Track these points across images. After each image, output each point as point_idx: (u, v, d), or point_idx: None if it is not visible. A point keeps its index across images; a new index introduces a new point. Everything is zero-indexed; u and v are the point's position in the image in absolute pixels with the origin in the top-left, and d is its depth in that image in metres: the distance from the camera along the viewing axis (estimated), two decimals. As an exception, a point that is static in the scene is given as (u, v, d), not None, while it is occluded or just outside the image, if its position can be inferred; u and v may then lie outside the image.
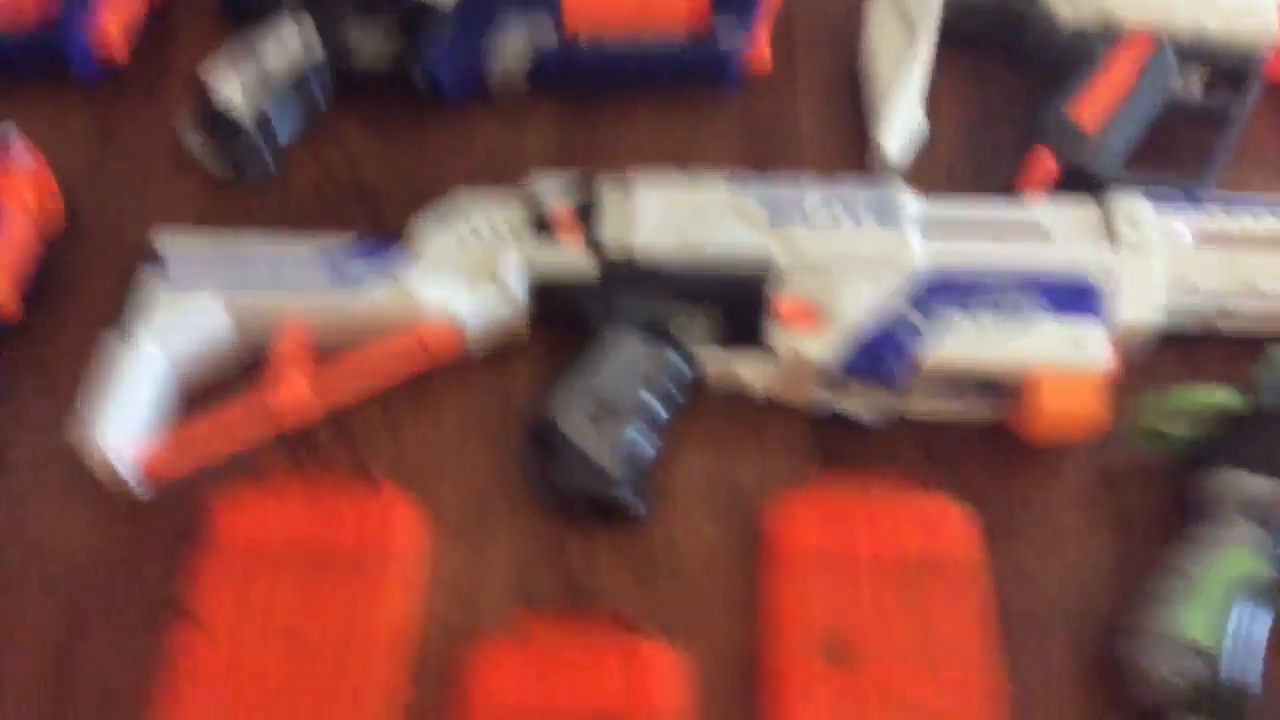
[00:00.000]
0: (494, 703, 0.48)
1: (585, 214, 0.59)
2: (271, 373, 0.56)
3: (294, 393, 0.55)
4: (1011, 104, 0.69)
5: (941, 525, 0.53)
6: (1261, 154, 0.68)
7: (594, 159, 0.68)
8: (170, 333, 0.56)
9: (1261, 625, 0.50)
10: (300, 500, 0.53)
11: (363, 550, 0.52)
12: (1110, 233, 0.58)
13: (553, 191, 0.60)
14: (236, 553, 0.51)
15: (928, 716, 0.48)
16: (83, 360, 0.59)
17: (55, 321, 0.62)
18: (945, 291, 0.56)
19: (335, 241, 0.60)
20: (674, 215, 0.59)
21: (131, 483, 0.54)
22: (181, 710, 0.48)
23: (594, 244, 0.58)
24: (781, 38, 0.72)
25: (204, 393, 0.58)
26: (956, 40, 0.70)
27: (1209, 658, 0.48)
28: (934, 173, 0.67)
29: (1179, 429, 0.55)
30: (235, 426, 0.55)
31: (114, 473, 0.53)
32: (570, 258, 0.58)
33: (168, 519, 0.55)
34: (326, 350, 0.58)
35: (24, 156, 0.62)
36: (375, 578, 0.51)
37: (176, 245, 0.59)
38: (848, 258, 0.57)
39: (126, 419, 0.53)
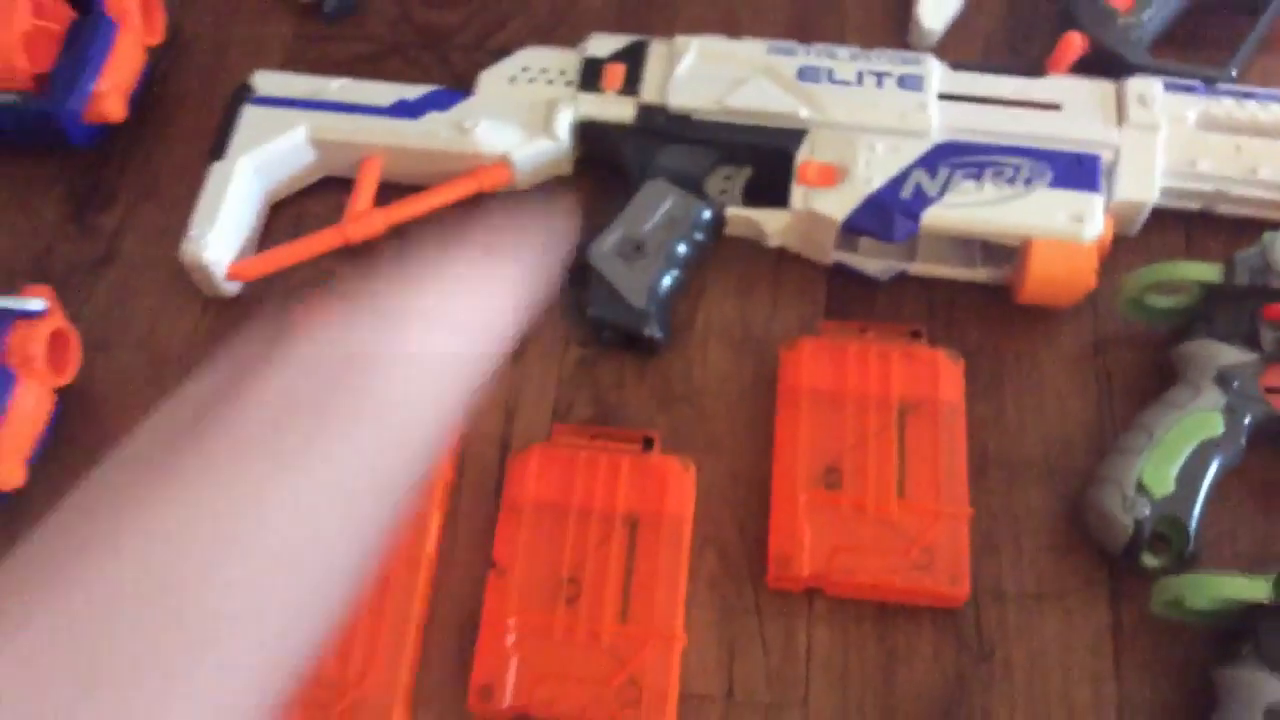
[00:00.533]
0: (526, 498, 0.56)
1: (633, 71, 0.64)
2: (350, 198, 0.63)
3: (364, 215, 0.62)
4: (1054, -19, 0.72)
5: (930, 372, 0.59)
6: (1294, 45, 0.70)
7: (648, 18, 0.72)
8: (263, 157, 0.63)
9: (1210, 478, 0.55)
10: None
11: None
12: (1120, 111, 0.62)
13: (605, 49, 0.65)
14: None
15: (899, 535, 0.55)
16: (182, 168, 0.67)
17: (160, 128, 0.69)
18: (955, 156, 0.61)
19: (412, 89, 0.65)
20: (710, 72, 0.64)
21: (223, 285, 0.62)
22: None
23: (634, 95, 0.64)
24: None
25: (286, 202, 0.66)
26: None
27: (1161, 502, 0.54)
28: (970, 44, 0.71)
29: (1164, 301, 0.60)
30: (311, 241, 0.62)
31: (211, 278, 0.61)
32: (612, 107, 0.64)
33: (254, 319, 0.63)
34: (394, 178, 0.65)
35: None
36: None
37: (270, 82, 0.65)
38: (868, 119, 0.62)
39: (223, 232, 0.61)
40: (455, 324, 0.37)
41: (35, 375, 0.56)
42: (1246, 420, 0.56)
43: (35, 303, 0.57)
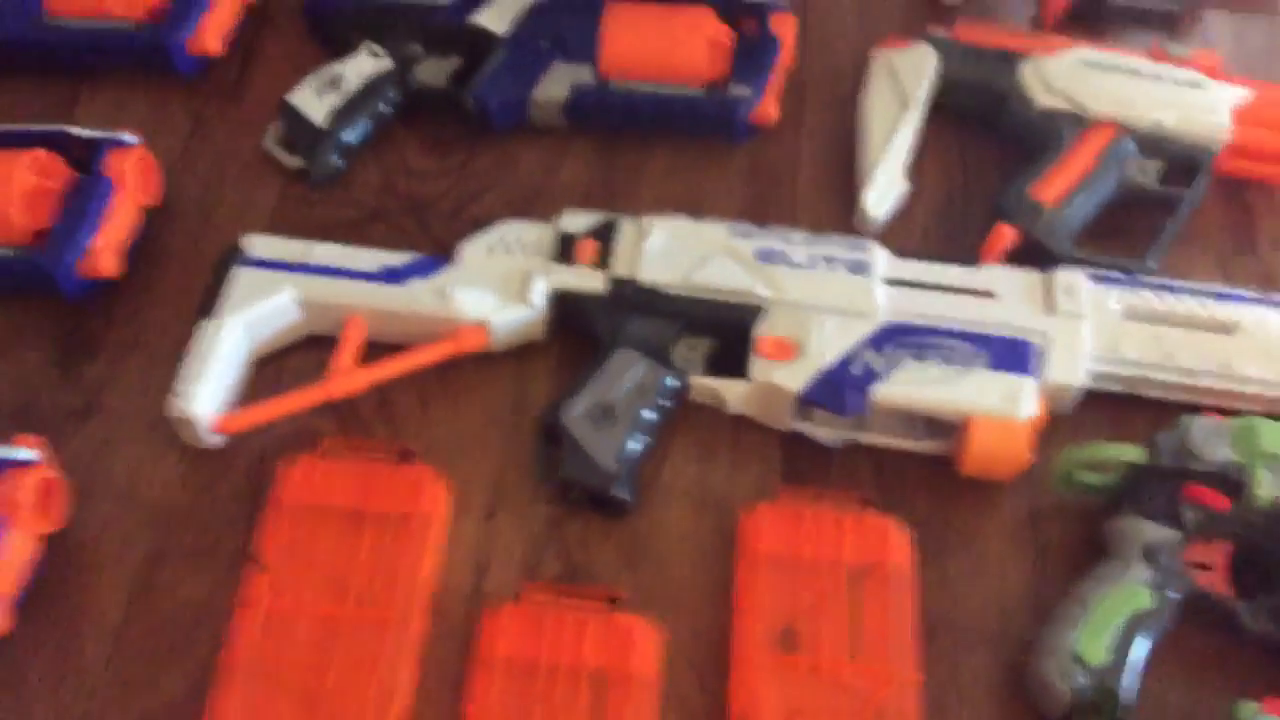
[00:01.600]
0: (497, 656, 0.58)
1: (605, 246, 0.69)
2: (333, 356, 0.66)
3: (348, 373, 0.65)
4: (987, 177, 0.78)
5: (881, 539, 0.62)
6: (1207, 240, 0.77)
7: (617, 191, 0.78)
8: (251, 316, 0.66)
9: (1144, 650, 0.58)
10: (347, 468, 0.63)
11: (395, 514, 0.62)
12: (1049, 300, 0.68)
13: (579, 224, 0.70)
14: (294, 509, 0.61)
15: (853, 698, 0.58)
16: (167, 322, 0.70)
17: (148, 284, 0.72)
18: (901, 338, 0.66)
19: (394, 255, 0.69)
20: (677, 250, 0.69)
21: (208, 439, 0.64)
22: (247, 637, 0.58)
23: (606, 269, 0.69)
24: (793, 93, 0.81)
25: (268, 358, 0.69)
26: (945, 113, 0.80)
27: (1095, 672, 0.58)
28: (910, 232, 0.76)
29: (1093, 478, 0.64)
30: (296, 397, 0.65)
31: (195, 432, 0.63)
32: (585, 279, 0.68)
33: (237, 474, 0.65)
34: (376, 338, 0.68)
35: (128, 136, 0.72)
36: (405, 539, 0.61)
37: (259, 245, 0.69)
38: (820, 299, 0.67)
39: (210, 387, 0.64)
40: None
41: (22, 523, 0.58)
42: (1172, 593, 0.60)
43: (25, 452, 0.58)
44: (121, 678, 0.59)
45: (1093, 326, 0.67)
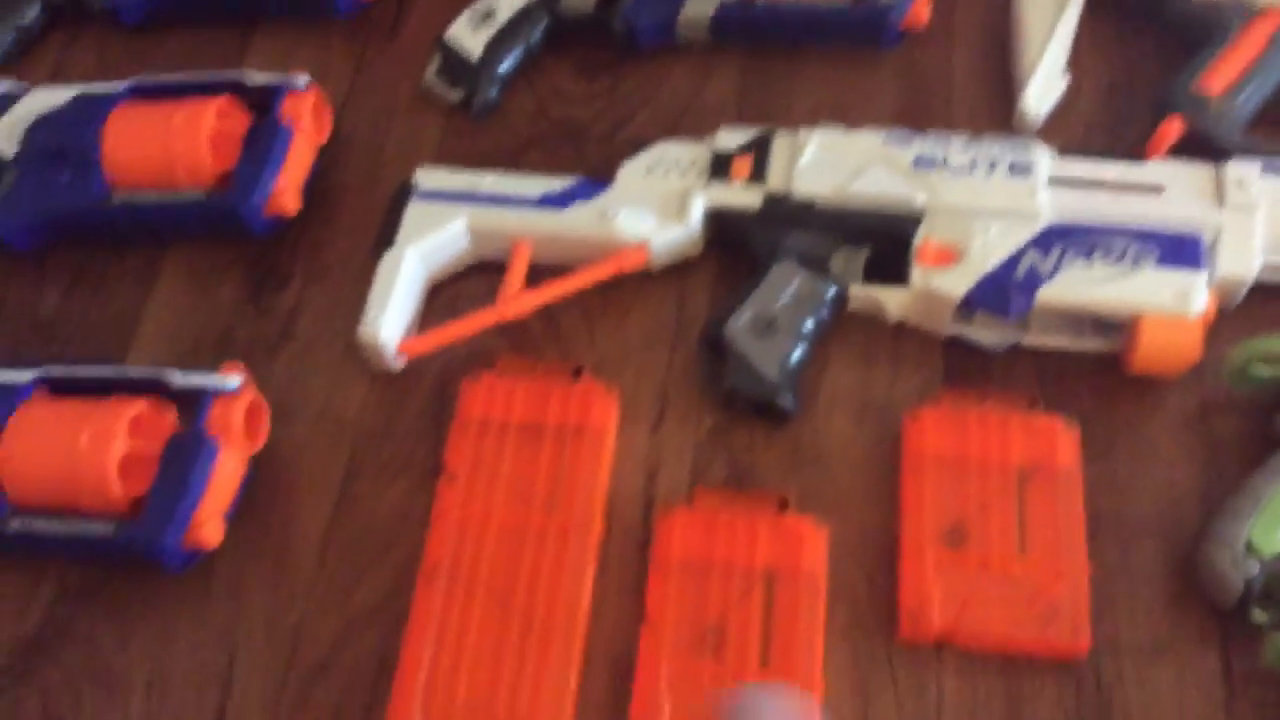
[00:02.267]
0: (672, 557, 0.61)
1: (759, 162, 0.70)
2: (503, 280, 0.69)
3: (517, 296, 0.69)
4: (1149, 68, 0.76)
5: (1048, 439, 0.63)
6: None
7: (767, 106, 0.78)
8: (427, 245, 0.70)
9: None
10: (523, 385, 0.66)
11: (571, 427, 0.65)
12: (1220, 193, 0.67)
13: (733, 141, 0.71)
14: (478, 424, 0.65)
15: (1023, 591, 0.59)
16: (347, 254, 0.75)
17: (327, 218, 0.76)
18: (1066, 238, 0.65)
19: (556, 181, 0.72)
20: (831, 162, 0.69)
21: (393, 362, 0.69)
22: (443, 543, 0.62)
23: (761, 184, 0.70)
24: (943, -4, 0.80)
25: (440, 286, 0.73)
26: (1103, 4, 0.78)
27: (1269, 562, 0.57)
28: (1071, 129, 0.75)
29: (1267, 370, 0.63)
30: (471, 320, 0.69)
31: (383, 356, 0.68)
32: (741, 195, 0.70)
33: (422, 393, 0.69)
34: (541, 262, 0.71)
35: (301, 80, 0.75)
36: (580, 450, 0.64)
37: (431, 178, 0.72)
38: (982, 203, 0.67)
39: (393, 314, 0.68)
40: None
41: (233, 444, 0.63)
42: (1351, 484, 0.59)
43: (233, 380, 0.63)
44: (329, 583, 0.64)
45: (1265, 218, 0.66)
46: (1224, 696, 0.58)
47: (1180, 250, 0.65)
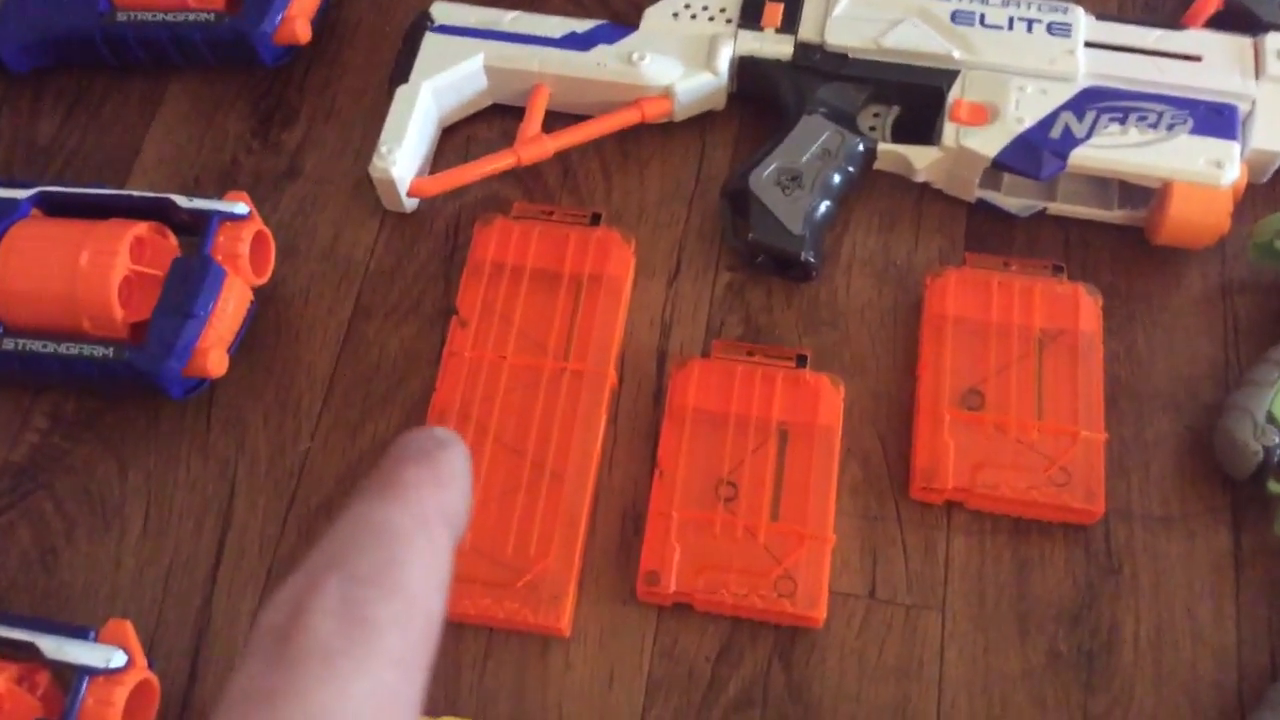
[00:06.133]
0: (686, 406, 0.60)
1: (791, 10, 0.68)
2: (522, 123, 0.67)
3: (535, 139, 0.66)
4: (1190, -62, 0.75)
5: (1071, 305, 0.62)
6: None
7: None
8: (442, 82, 0.67)
9: None
10: (538, 231, 0.64)
11: (586, 275, 0.63)
12: (1257, 65, 0.65)
13: (765, -13, 0.69)
14: (488, 268, 0.63)
15: (1038, 454, 0.59)
16: (358, 91, 0.72)
17: (338, 53, 0.74)
18: (1101, 100, 0.64)
19: (581, 22, 0.69)
20: (866, 13, 0.67)
21: (405, 200, 0.66)
22: (453, 384, 0.61)
23: (792, 33, 0.67)
24: None
25: (453, 127, 0.70)
26: None
27: (1285, 430, 0.58)
28: (1106, -3, 0.74)
29: (1290, 247, 0.63)
30: (486, 162, 0.66)
31: (395, 193, 0.65)
32: (772, 44, 0.67)
33: (435, 236, 0.67)
34: (558, 107, 0.69)
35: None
36: (596, 298, 0.63)
37: (449, 11, 0.69)
38: (1019, 62, 0.65)
39: (408, 151, 0.65)
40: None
41: (240, 272, 0.61)
42: (1376, 358, 0.59)
43: (240, 206, 0.61)
44: (334, 421, 0.63)
45: (1304, 91, 0.64)
46: (1232, 568, 0.58)
47: (1215, 120, 0.63)
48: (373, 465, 0.38)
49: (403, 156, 0.65)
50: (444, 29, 0.68)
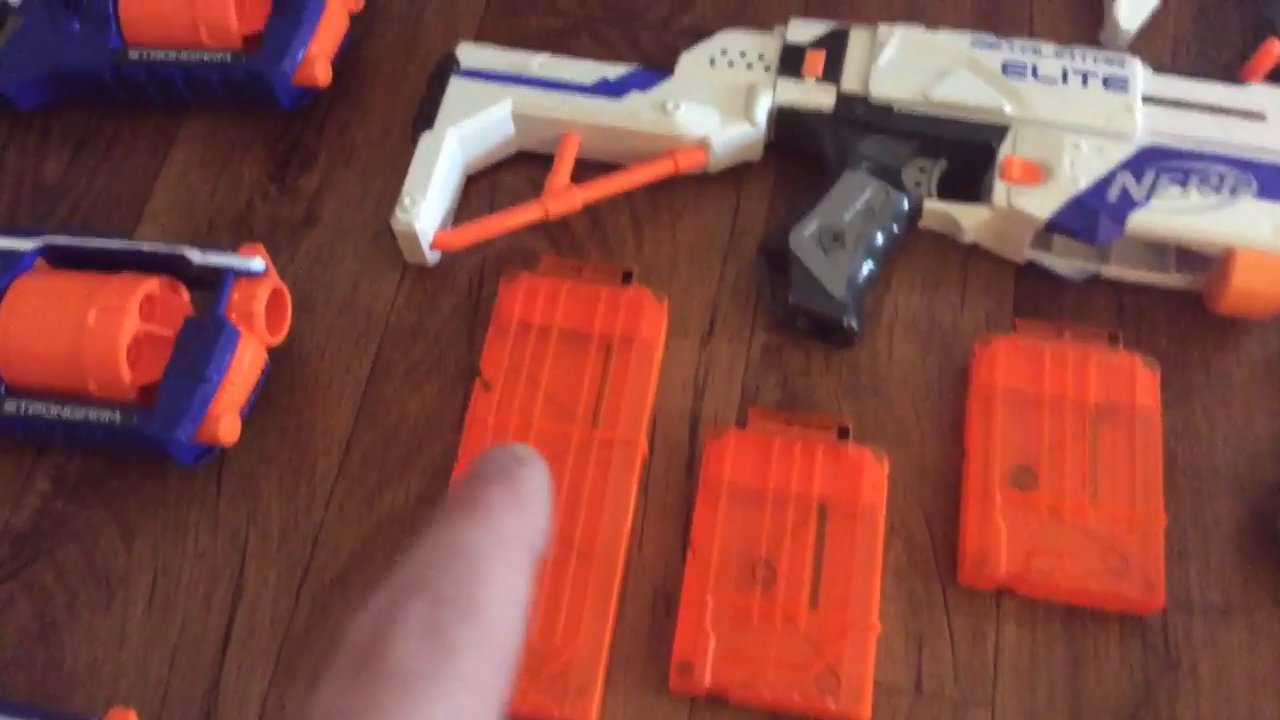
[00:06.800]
0: (723, 479, 0.57)
1: (833, 58, 0.65)
2: (551, 174, 0.64)
3: (564, 191, 0.63)
4: (1248, -15, 0.71)
5: (1127, 377, 0.59)
6: None
7: (834, 4, 0.72)
8: (468, 129, 0.64)
9: None
10: (567, 288, 0.61)
11: (618, 336, 0.60)
12: (1329, 125, 0.62)
13: (806, 34, 0.65)
14: (514, 327, 0.60)
15: (1094, 540, 0.56)
16: (379, 135, 0.69)
17: (358, 96, 0.71)
18: (1161, 160, 0.61)
19: (613, 67, 0.66)
20: (912, 63, 0.64)
21: (428, 254, 0.63)
22: (471, 450, 0.58)
23: (835, 83, 0.64)
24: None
25: (478, 176, 0.67)
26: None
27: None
28: (1159, 46, 0.70)
29: (1361, 318, 0.60)
30: (513, 214, 0.63)
31: (417, 246, 0.62)
32: (813, 94, 0.64)
33: (458, 290, 0.64)
34: (588, 156, 0.66)
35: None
36: (627, 360, 0.60)
37: (475, 55, 0.66)
38: (1074, 117, 0.62)
39: (430, 201, 0.62)
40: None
41: (255, 332, 0.58)
42: None
43: (256, 262, 0.58)
44: (351, 488, 0.60)
45: (1374, 154, 0.61)
46: (1295, 660, 0.55)
47: (1282, 183, 0.60)
48: (455, 485, 0.42)
49: (427, 208, 0.62)
50: (470, 73, 0.65)
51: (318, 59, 0.66)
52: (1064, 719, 0.54)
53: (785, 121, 0.65)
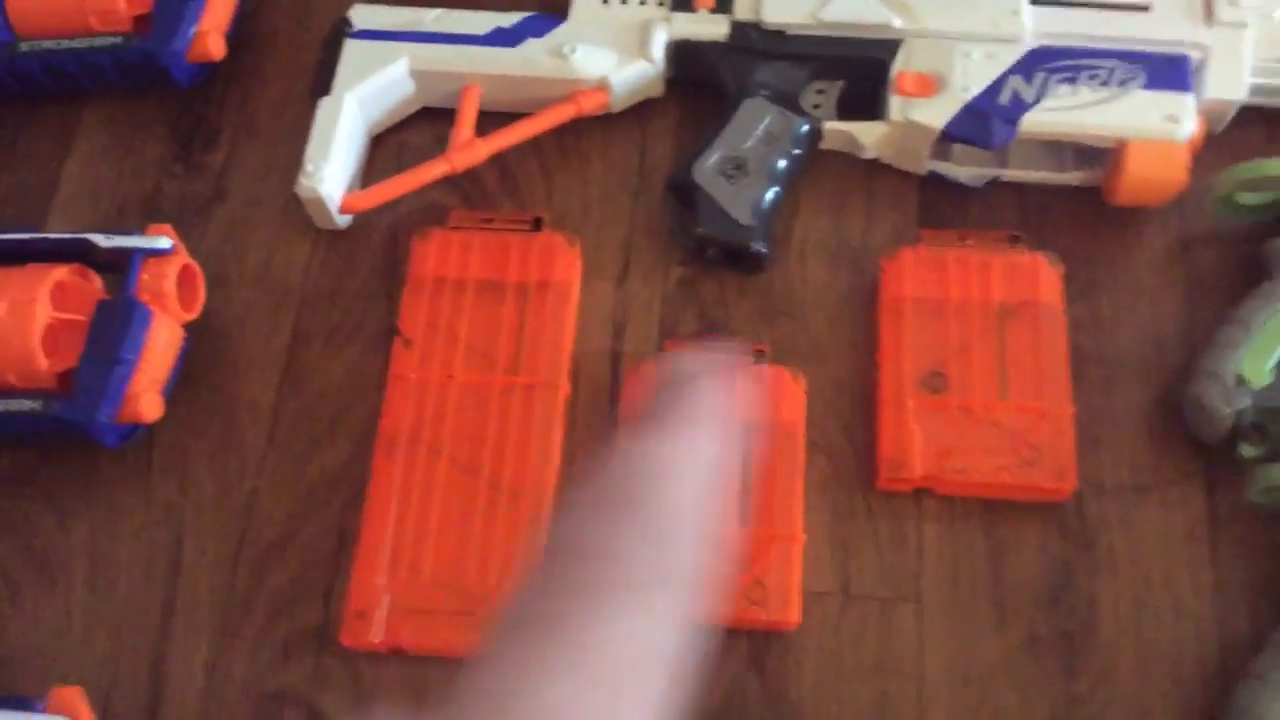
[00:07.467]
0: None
1: (725, -10, 0.65)
2: (453, 128, 0.64)
3: (468, 144, 0.64)
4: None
5: (1031, 276, 0.60)
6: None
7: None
8: (366, 90, 0.64)
9: None
10: (479, 240, 0.62)
11: (532, 283, 0.61)
12: (1208, 11, 0.63)
13: (694, -34, 0.66)
14: (429, 283, 0.61)
15: (1006, 435, 0.57)
16: (280, 104, 0.69)
17: (255, 67, 0.71)
18: (1050, 61, 0.62)
19: (507, 16, 0.66)
20: (804, -13, 0.64)
21: (337, 218, 0.64)
22: (402, 407, 0.59)
23: (727, 12, 0.65)
24: None
25: (383, 135, 0.68)
26: None
27: (1259, 393, 0.55)
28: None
29: (1253, 198, 0.61)
30: (419, 172, 0.64)
31: (326, 211, 0.63)
32: (707, 25, 0.65)
33: (371, 252, 0.65)
34: (491, 107, 0.66)
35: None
36: (543, 306, 0.61)
37: (368, 15, 0.66)
38: (962, 26, 0.63)
39: (336, 166, 0.63)
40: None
41: (168, 310, 0.58)
42: (1343, 312, 0.57)
43: (163, 241, 0.59)
44: (281, 455, 0.60)
45: (1254, 36, 0.62)
46: (1208, 534, 0.57)
47: (1168, 72, 0.61)
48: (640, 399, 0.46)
49: (331, 173, 0.62)
50: (364, 34, 0.65)
51: (210, 33, 0.66)
52: (988, 607, 0.56)
53: (682, 55, 0.65)
